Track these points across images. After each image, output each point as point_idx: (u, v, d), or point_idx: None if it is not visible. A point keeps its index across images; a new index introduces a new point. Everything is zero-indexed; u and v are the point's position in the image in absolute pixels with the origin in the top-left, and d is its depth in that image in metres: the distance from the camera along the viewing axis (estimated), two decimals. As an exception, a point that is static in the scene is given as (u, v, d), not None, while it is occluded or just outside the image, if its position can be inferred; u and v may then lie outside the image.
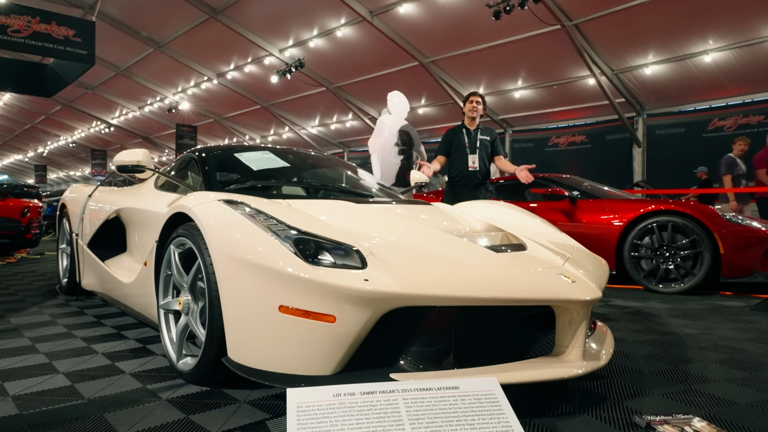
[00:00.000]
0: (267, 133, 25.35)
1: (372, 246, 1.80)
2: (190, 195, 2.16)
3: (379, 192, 3.14)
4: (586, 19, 11.90)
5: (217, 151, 3.05)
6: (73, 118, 29.09)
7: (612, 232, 4.46)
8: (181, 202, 2.07)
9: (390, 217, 2.24)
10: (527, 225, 2.68)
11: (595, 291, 1.81)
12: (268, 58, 16.83)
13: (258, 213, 1.86)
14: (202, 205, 1.97)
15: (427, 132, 20.63)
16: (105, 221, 3.21)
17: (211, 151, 3.00)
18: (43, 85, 15.82)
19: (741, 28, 11.17)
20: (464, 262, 1.82)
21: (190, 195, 2.16)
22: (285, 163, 3.03)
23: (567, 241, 2.51)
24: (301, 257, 1.64)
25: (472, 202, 3.14)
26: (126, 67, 20.35)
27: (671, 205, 4.31)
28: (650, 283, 4.32)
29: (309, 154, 3.56)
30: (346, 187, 3.16)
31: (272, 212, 1.88)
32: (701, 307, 3.72)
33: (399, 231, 2.07)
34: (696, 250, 4.16)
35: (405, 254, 1.80)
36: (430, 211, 2.58)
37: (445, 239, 2.03)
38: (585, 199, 4.84)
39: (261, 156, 2.95)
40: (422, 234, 2.07)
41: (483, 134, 4.45)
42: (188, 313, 2.01)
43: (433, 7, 12.54)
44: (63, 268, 4.03)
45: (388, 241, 1.92)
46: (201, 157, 2.92)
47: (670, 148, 14.93)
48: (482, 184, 4.41)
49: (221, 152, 3.07)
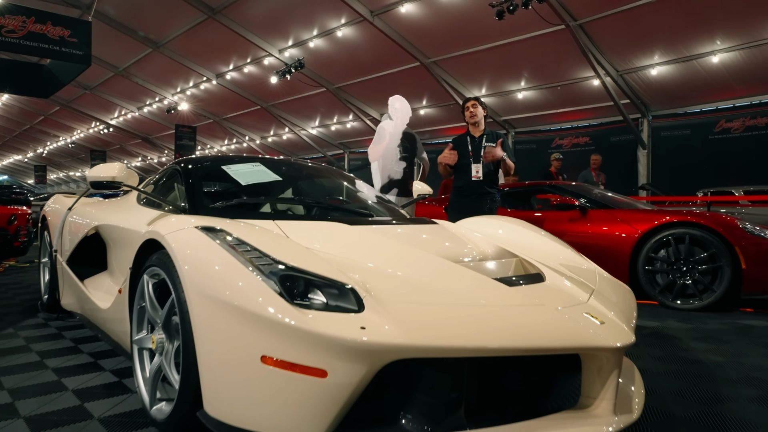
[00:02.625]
0: (267, 134, 25.13)
1: (369, 281, 1.57)
2: (166, 218, 1.92)
3: (378, 207, 2.90)
4: (591, 19, 11.66)
5: (202, 163, 2.81)
6: (72, 118, 28.89)
7: (625, 244, 4.22)
8: (155, 228, 1.83)
9: (389, 244, 2.00)
10: (541, 246, 2.44)
11: (627, 335, 1.57)
12: (268, 58, 16.61)
13: (240, 243, 1.63)
14: (178, 232, 1.73)
15: (428, 133, 20.39)
16: (84, 237, 2.98)
17: (196, 163, 2.77)
18: (39, 86, 15.63)
19: (749, 28, 10.93)
20: (475, 301, 1.58)
21: (165, 218, 1.93)
22: (277, 177, 2.78)
23: (587, 266, 2.28)
24: (286, 298, 1.41)
25: (480, 219, 2.90)
26: (124, 68, 20.14)
27: (688, 217, 4.08)
28: (666, 299, 4.08)
29: (303, 165, 3.33)
30: (342, 203, 2.93)
31: (256, 242, 1.64)
32: (724, 327, 3.49)
33: (399, 260, 1.83)
34: (715, 264, 3.92)
35: (406, 291, 1.57)
36: (434, 232, 2.34)
37: (452, 271, 1.79)
38: (596, 209, 4.60)
39: (251, 169, 2.71)
40: (426, 264, 1.83)
41: (488, 140, 4.21)
42: (162, 354, 1.78)
43: (434, 7, 12.31)
44: (44, 284, 3.80)
45: (387, 274, 1.69)
46: (185, 170, 2.68)
47: (676, 150, 14.69)
48: (488, 194, 4.17)
49: (207, 164, 2.84)
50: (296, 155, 26.91)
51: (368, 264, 1.75)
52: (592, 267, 2.28)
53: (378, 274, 1.66)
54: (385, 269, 1.72)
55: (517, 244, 2.44)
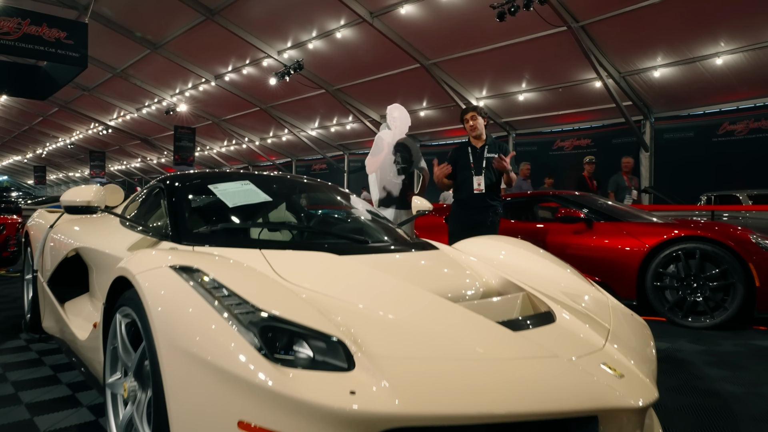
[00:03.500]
0: (266, 135, 24.98)
1: (359, 329, 1.41)
2: (140, 254, 1.76)
3: (374, 228, 2.73)
4: (593, 20, 11.50)
5: (187, 181, 2.64)
6: (70, 119, 28.75)
7: (633, 258, 4.06)
8: (127, 264, 1.68)
9: (382, 279, 1.82)
10: (547, 273, 2.27)
11: (650, 390, 1.41)
12: (267, 59, 16.46)
13: (217, 287, 1.46)
14: (150, 272, 1.57)
15: (428, 135, 20.24)
16: (65, 258, 2.82)
17: (181, 182, 2.60)
18: (36, 88, 15.47)
19: (754, 29, 10.76)
20: (480, 354, 1.41)
21: (140, 254, 1.76)
22: (266, 197, 2.61)
23: (598, 296, 2.11)
24: (267, 354, 1.25)
25: (481, 240, 2.73)
26: (122, 69, 20.00)
27: (698, 231, 3.92)
28: (676, 316, 3.92)
29: (296, 183, 3.16)
30: (334, 226, 2.76)
31: (236, 284, 1.48)
32: (737, 350, 3.33)
33: (393, 301, 1.66)
34: (728, 281, 3.76)
35: (401, 343, 1.40)
36: (432, 261, 2.17)
37: (452, 315, 1.62)
38: (602, 221, 4.44)
39: (239, 188, 2.54)
40: (423, 306, 1.65)
41: (491, 151, 4.04)
42: (135, 403, 1.62)
43: (434, 9, 12.14)
44: (28, 302, 3.64)
45: (380, 319, 1.52)
46: (169, 189, 2.52)
47: (679, 152, 14.53)
48: (490, 207, 4.01)
49: (192, 183, 2.66)
50: (296, 156, 26.78)
51: (359, 305, 1.59)
52: (604, 297, 2.12)
53: (370, 320, 1.50)
54: (378, 312, 1.56)
55: (521, 270, 2.28)
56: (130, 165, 38.64)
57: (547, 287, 2.10)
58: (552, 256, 2.51)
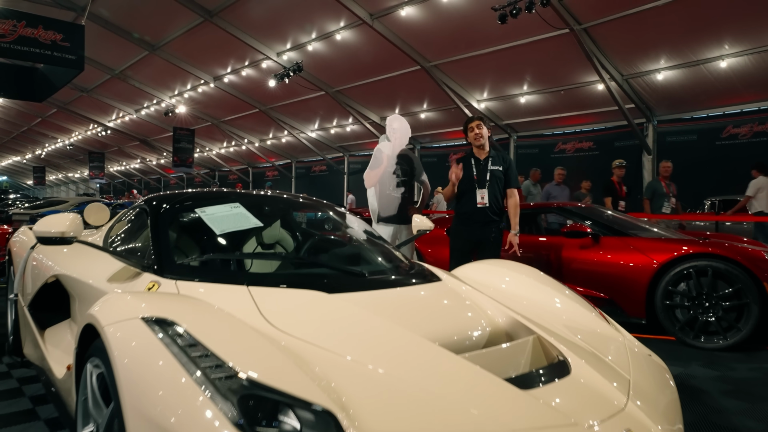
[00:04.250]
0: (266, 137, 24.85)
1: (351, 396, 1.25)
2: (111, 300, 1.60)
3: (370, 252, 2.57)
4: (596, 23, 11.35)
5: (174, 203, 2.48)
6: (69, 120, 28.63)
7: (642, 275, 3.90)
8: (96, 312, 1.52)
9: (377, 325, 1.63)
10: (555, 306, 2.11)
11: None
12: (266, 61, 16.32)
13: (194, 344, 1.31)
14: (120, 324, 1.42)
15: (429, 137, 20.11)
16: (45, 283, 2.67)
17: (167, 204, 2.44)
18: (33, 89, 15.32)
19: (759, 32, 10.62)
20: (488, 426, 1.25)
21: (110, 300, 1.60)
22: (256, 222, 2.45)
23: (613, 335, 1.96)
24: (246, 429, 1.09)
25: (483, 265, 2.56)
26: (121, 70, 19.87)
27: (709, 248, 3.76)
28: (687, 337, 3.76)
29: (289, 202, 3.00)
30: (328, 252, 2.60)
31: (215, 341, 1.32)
32: (754, 375, 3.18)
33: (390, 353, 1.49)
34: (741, 301, 3.60)
35: (398, 413, 1.23)
36: (433, 299, 1.99)
37: (455, 371, 1.43)
38: (609, 236, 4.28)
39: (228, 212, 2.38)
40: (423, 361, 1.46)
41: (494, 164, 3.89)
42: (105, 465, 1.47)
43: (435, 10, 12.00)
44: (11, 323, 3.49)
45: (374, 378, 1.36)
46: (154, 213, 2.36)
47: (682, 156, 14.37)
48: (493, 222, 3.85)
49: (179, 206, 2.49)
50: (295, 158, 26.64)
51: (352, 358, 1.43)
52: (619, 335, 1.96)
53: (363, 380, 1.34)
54: (373, 369, 1.40)
55: (527, 301, 2.13)
56: (130, 166, 38.52)
57: (557, 323, 1.95)
58: (559, 284, 2.36)
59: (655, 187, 7.54)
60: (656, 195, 7.42)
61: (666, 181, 7.50)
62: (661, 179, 7.56)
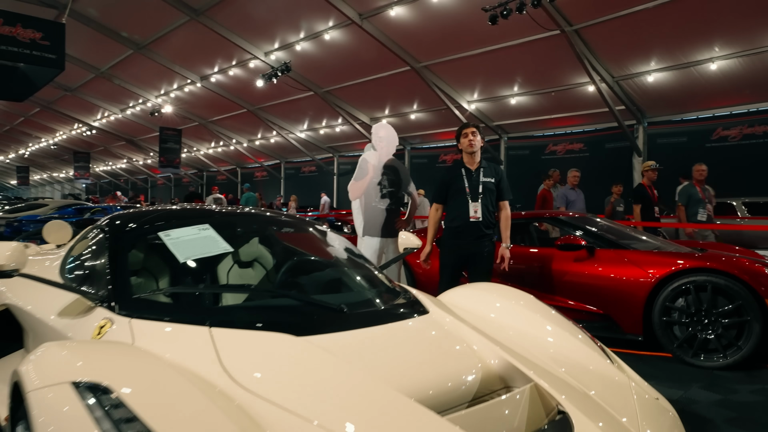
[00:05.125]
0: (254, 137, 24.57)
1: None
2: (40, 358, 1.38)
3: (351, 278, 2.38)
4: (587, 24, 11.26)
5: (135, 224, 2.26)
6: (53, 120, 28.14)
7: (639, 290, 3.75)
8: (23, 372, 1.31)
9: (352, 380, 1.43)
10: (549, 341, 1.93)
11: None
12: (254, 61, 16.07)
13: (130, 419, 1.12)
14: (45, 390, 1.22)
15: (419, 138, 19.95)
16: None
17: (127, 226, 2.21)
18: (12, 89, 14.91)
19: (749, 35, 10.58)
20: None
21: (39, 358, 1.38)
22: (226, 246, 2.23)
23: (616, 376, 1.78)
24: None
25: (472, 291, 2.37)
26: (105, 69, 19.52)
27: (707, 263, 3.61)
28: (685, 355, 3.61)
29: (265, 221, 2.78)
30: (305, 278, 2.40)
31: (155, 417, 1.13)
32: (757, 399, 3.03)
33: (364, 415, 1.29)
34: (742, 318, 3.46)
35: None
36: (419, 339, 1.77)
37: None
38: (605, 249, 4.12)
39: (195, 236, 2.16)
40: (405, 426, 1.29)
41: (486, 175, 3.70)
42: None
43: (425, 11, 11.83)
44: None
45: None
46: (112, 237, 2.14)
47: (672, 157, 14.33)
48: (486, 236, 3.68)
49: (141, 228, 2.27)
50: (284, 158, 26.37)
51: (314, 422, 1.23)
52: (624, 377, 1.78)
53: None
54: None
55: (520, 335, 1.95)
56: (116, 166, 38.00)
57: (549, 360, 1.77)
58: (554, 313, 2.18)
59: (691, 192, 6.72)
60: (692, 201, 6.65)
61: (701, 185, 6.77)
62: (695, 183, 6.78)
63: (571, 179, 7.87)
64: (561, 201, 7.77)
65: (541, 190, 8.69)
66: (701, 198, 6.63)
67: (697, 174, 6.81)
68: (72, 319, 1.87)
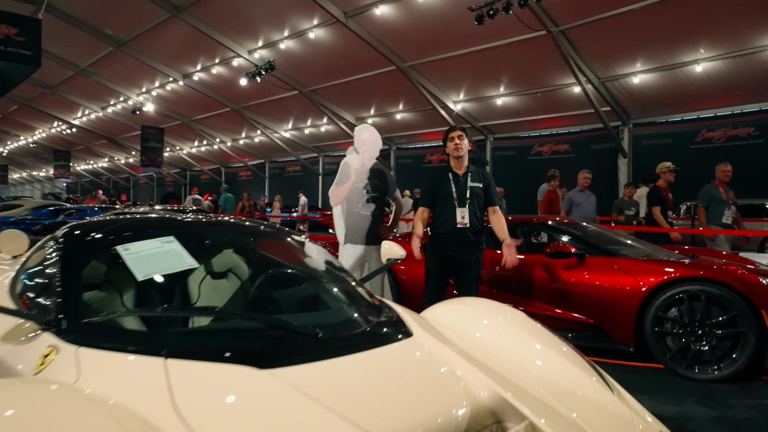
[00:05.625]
0: (238, 136, 24.25)
1: None
2: None
3: (330, 294, 2.20)
4: (573, 25, 11.19)
5: (91, 237, 2.04)
6: (32, 117, 27.53)
7: (630, 300, 3.63)
8: None
9: (323, 424, 1.29)
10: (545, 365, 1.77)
11: None
12: (237, 59, 15.80)
13: None
14: None
15: (405, 138, 19.81)
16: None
17: (85, 238, 2.01)
18: (-13, 86, 14.56)
19: (734, 37, 10.59)
20: None
21: None
22: (192, 262, 1.98)
23: (618, 408, 1.64)
24: None
25: (460, 307, 2.20)
26: (85, 67, 19.08)
27: (700, 272, 3.50)
28: (679, 367, 3.49)
29: (238, 231, 2.58)
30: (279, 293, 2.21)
31: None
32: (755, 416, 2.92)
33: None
34: (737, 329, 3.35)
35: None
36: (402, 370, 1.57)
37: None
38: (595, 256, 4.00)
39: (157, 249, 1.95)
40: None
41: (474, 180, 3.55)
42: None
43: (411, 10, 11.68)
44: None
45: None
46: (65, 249, 1.92)
47: (657, 159, 14.31)
48: (474, 243, 3.53)
49: (98, 241, 2.05)
50: (269, 158, 26.08)
51: None
52: (624, 409, 1.63)
53: None
54: None
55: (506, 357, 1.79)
56: (97, 165, 37.35)
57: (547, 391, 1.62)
58: (547, 332, 2.02)
59: (713, 193, 6.27)
60: (714, 202, 6.23)
61: (724, 186, 6.33)
62: (718, 184, 6.32)
63: (582, 181, 7.28)
64: (566, 206, 7.25)
65: (546, 192, 8.00)
66: (725, 199, 6.21)
67: (722, 174, 6.33)
68: (15, 345, 1.67)
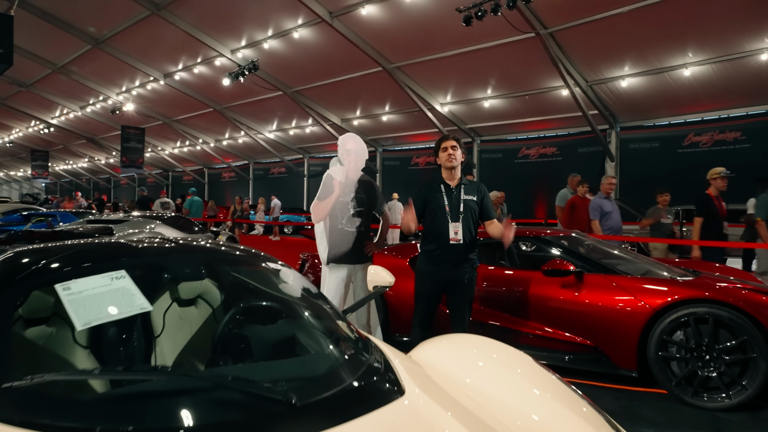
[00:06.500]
0: (221, 137, 23.81)
1: None
2: None
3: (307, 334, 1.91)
4: (562, 27, 11.04)
5: (24, 274, 1.68)
6: (7, 116, 26.78)
7: (633, 322, 3.40)
8: None
9: None
10: (543, 417, 1.54)
11: None
12: (219, 59, 15.42)
13: None
14: None
15: (391, 140, 19.57)
16: None
17: (16, 274, 1.69)
18: (-42, 85, 14.04)
19: (722, 41, 10.52)
20: None
21: None
22: (145, 304, 1.62)
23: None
24: None
25: (453, 345, 1.93)
26: (63, 65, 18.52)
27: (705, 293, 3.28)
28: (685, 394, 3.27)
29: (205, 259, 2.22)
30: (247, 348, 1.91)
31: None
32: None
33: None
34: (747, 355, 3.14)
35: None
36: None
37: None
38: (595, 273, 3.77)
39: (105, 287, 1.63)
40: None
41: (468, 193, 3.30)
42: None
43: (398, 10, 11.42)
44: None
45: None
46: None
47: (644, 162, 14.34)
48: (467, 261, 3.28)
49: (33, 276, 1.68)
50: (253, 159, 25.68)
51: None
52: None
53: None
54: None
55: (506, 409, 1.55)
56: (77, 165, 36.54)
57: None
58: (550, 375, 1.79)
59: None
60: None
61: None
62: None
63: (606, 187, 6.52)
64: (595, 212, 6.37)
65: (572, 197, 7.14)
66: None
67: None
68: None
